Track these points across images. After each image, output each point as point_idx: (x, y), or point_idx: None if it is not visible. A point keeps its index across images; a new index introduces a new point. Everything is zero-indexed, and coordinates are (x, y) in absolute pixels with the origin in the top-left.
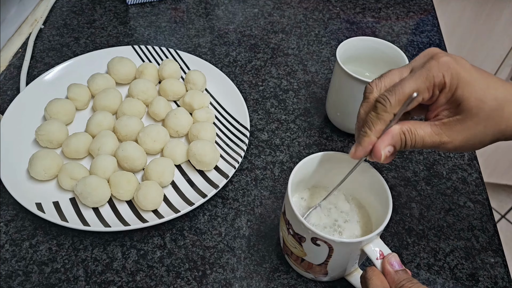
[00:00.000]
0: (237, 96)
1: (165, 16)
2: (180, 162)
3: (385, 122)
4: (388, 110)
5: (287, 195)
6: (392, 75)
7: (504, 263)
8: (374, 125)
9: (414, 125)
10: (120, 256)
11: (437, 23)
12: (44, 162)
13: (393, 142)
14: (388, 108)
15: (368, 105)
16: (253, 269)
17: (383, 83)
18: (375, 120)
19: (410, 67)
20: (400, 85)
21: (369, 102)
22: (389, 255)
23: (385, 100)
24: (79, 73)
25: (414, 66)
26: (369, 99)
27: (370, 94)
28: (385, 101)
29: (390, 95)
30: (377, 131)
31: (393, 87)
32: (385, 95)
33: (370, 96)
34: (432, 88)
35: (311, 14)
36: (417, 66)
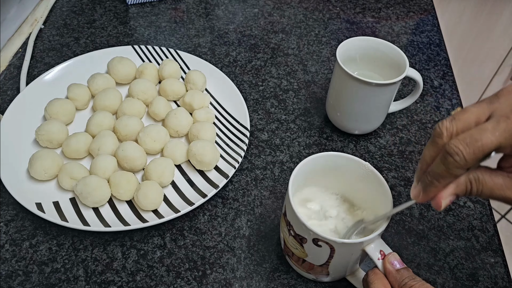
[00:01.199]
0: (237, 96)
1: (165, 16)
2: (180, 162)
3: (455, 177)
4: (460, 167)
5: (287, 196)
6: (467, 118)
7: (504, 263)
8: (442, 178)
9: (483, 173)
10: (120, 256)
11: (437, 23)
12: (44, 162)
13: (458, 190)
14: (461, 164)
15: (436, 150)
16: (253, 269)
17: (455, 127)
18: (445, 175)
19: (489, 107)
20: (479, 137)
21: (437, 147)
22: (389, 254)
23: (458, 155)
24: (79, 73)
25: (497, 109)
26: (438, 144)
27: (439, 139)
28: (458, 156)
29: (465, 148)
30: (444, 185)
31: (470, 138)
32: (459, 148)
33: (439, 142)
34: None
35: (311, 14)
36: (500, 111)
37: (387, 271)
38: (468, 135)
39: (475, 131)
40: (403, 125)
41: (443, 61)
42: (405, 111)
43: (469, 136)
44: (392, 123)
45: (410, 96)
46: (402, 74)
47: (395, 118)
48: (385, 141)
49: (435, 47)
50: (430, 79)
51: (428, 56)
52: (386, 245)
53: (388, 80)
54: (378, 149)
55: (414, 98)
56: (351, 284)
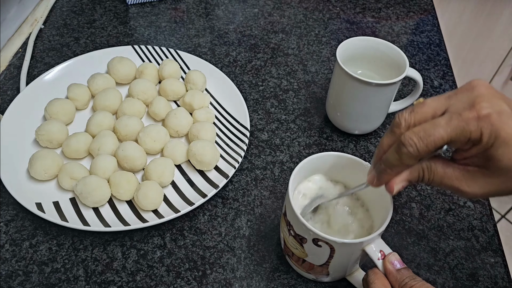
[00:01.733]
0: (237, 96)
1: (165, 16)
2: (180, 162)
3: (407, 167)
4: (413, 157)
5: (287, 196)
6: (425, 111)
7: (504, 263)
8: (395, 166)
9: (436, 163)
10: (120, 256)
11: (437, 23)
12: (44, 162)
13: (410, 177)
14: (413, 155)
15: (393, 138)
16: (253, 269)
17: (413, 119)
18: (397, 163)
19: (446, 102)
20: (432, 131)
21: (394, 136)
22: (389, 254)
23: (412, 146)
24: (79, 73)
25: (452, 104)
26: (395, 133)
27: (397, 129)
28: (412, 148)
29: (418, 141)
30: (397, 172)
31: (423, 131)
32: (413, 140)
33: (397, 131)
34: (465, 142)
35: (311, 14)
36: (455, 107)
37: (387, 271)
38: (422, 128)
39: (429, 125)
40: None
41: (443, 61)
42: None
43: (423, 129)
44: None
45: (410, 96)
46: (402, 74)
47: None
48: None
49: (435, 47)
50: (430, 79)
51: (428, 56)
52: (386, 245)
53: (388, 80)
54: None
55: (414, 98)
56: (351, 284)
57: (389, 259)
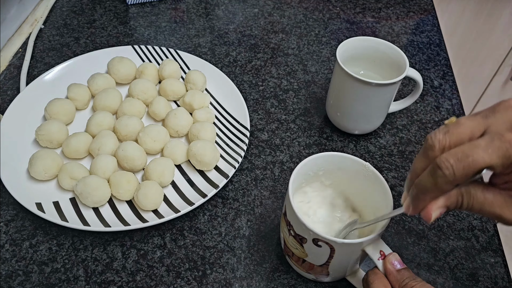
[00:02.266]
0: (237, 96)
1: (165, 16)
2: (180, 162)
3: (442, 192)
4: (449, 182)
5: (287, 196)
6: (460, 132)
7: (504, 263)
8: (430, 192)
9: (475, 187)
10: (120, 256)
11: (437, 23)
12: (44, 162)
13: (448, 203)
14: (450, 180)
15: (426, 162)
16: (253, 269)
17: (448, 141)
18: (432, 188)
19: (484, 122)
20: (471, 153)
21: (428, 159)
22: (389, 254)
23: (448, 169)
24: (79, 73)
25: (491, 124)
26: (429, 156)
27: (431, 152)
28: (448, 171)
29: (456, 163)
30: (432, 198)
31: (461, 153)
32: (450, 162)
33: (430, 154)
34: (509, 165)
35: (311, 14)
36: (495, 127)
37: (387, 271)
38: (460, 150)
39: (467, 146)
40: (403, 125)
41: (443, 61)
42: (405, 111)
43: (461, 151)
44: (392, 123)
45: (410, 96)
46: (402, 74)
47: (395, 118)
48: (385, 141)
49: (435, 47)
50: (430, 79)
51: (428, 56)
52: (386, 245)
53: (388, 80)
54: (378, 149)
55: (414, 98)
56: (351, 284)
57: (389, 259)
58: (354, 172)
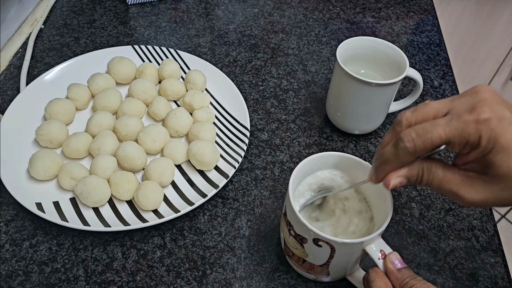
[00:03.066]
0: (237, 96)
1: (165, 16)
2: (180, 162)
3: (403, 163)
4: (410, 154)
5: (287, 196)
6: (427, 111)
7: (504, 263)
8: (391, 161)
9: (437, 165)
10: (120, 256)
11: (437, 23)
12: (44, 162)
13: (408, 174)
14: (410, 151)
15: (393, 136)
16: (253, 269)
17: (415, 118)
18: (393, 159)
19: (449, 105)
20: (431, 129)
21: (395, 134)
22: (390, 254)
23: (409, 142)
24: (79, 73)
25: (454, 107)
26: (396, 131)
27: (398, 127)
28: (409, 143)
29: (417, 137)
30: (394, 168)
31: (423, 129)
32: (411, 136)
33: (398, 129)
34: (464, 144)
35: (311, 14)
36: (456, 109)
37: (388, 270)
38: (422, 126)
39: (428, 123)
40: None
41: (443, 61)
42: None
43: (422, 127)
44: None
45: (410, 96)
46: (402, 74)
47: (395, 118)
48: None
49: (435, 47)
50: (430, 79)
51: (428, 56)
52: (387, 245)
53: (388, 80)
54: None
55: (414, 98)
56: (351, 284)
57: (390, 258)
58: (354, 172)
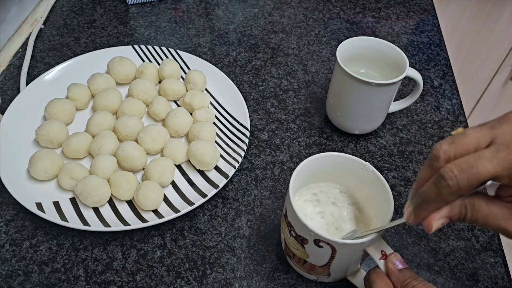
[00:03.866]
0: (237, 96)
1: (165, 16)
2: (180, 162)
3: (446, 203)
4: (453, 192)
5: (288, 197)
6: (466, 142)
7: (504, 263)
8: (433, 202)
9: (480, 200)
10: (120, 256)
11: (437, 23)
12: (44, 162)
13: (451, 214)
14: (453, 190)
15: (431, 172)
16: (253, 269)
17: (453, 152)
18: (435, 198)
19: (491, 133)
20: (475, 164)
21: (433, 169)
22: (391, 254)
23: (452, 179)
24: (79, 73)
25: (498, 135)
26: (434, 166)
27: (436, 162)
28: (452, 181)
29: (460, 174)
30: (435, 208)
31: (466, 164)
32: (454, 172)
33: (435, 165)
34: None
35: (311, 14)
36: (501, 138)
37: (389, 271)
38: (465, 160)
39: (472, 157)
40: (403, 125)
41: (443, 61)
42: (405, 111)
43: (465, 162)
44: (392, 123)
45: (410, 96)
46: (402, 74)
47: (395, 118)
48: (385, 141)
49: (435, 47)
50: (430, 79)
51: (428, 56)
52: (387, 245)
53: (388, 80)
54: (378, 149)
55: (414, 98)
56: (352, 284)
57: (391, 259)
58: (354, 172)
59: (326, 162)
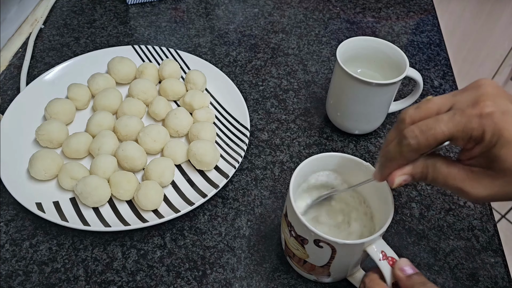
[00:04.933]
0: (237, 96)
1: (165, 16)
2: (180, 162)
3: (408, 160)
4: (414, 150)
5: (288, 197)
6: (429, 107)
7: (504, 263)
8: (395, 159)
9: (441, 161)
10: (120, 256)
11: (437, 23)
12: (44, 162)
13: (413, 172)
14: (414, 148)
15: (397, 134)
16: (253, 269)
17: (418, 115)
18: (397, 156)
19: (452, 100)
20: (434, 125)
21: (398, 131)
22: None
23: (413, 138)
24: (79, 73)
25: (457, 101)
26: (399, 128)
27: (401, 125)
28: (412, 140)
29: (420, 134)
30: (398, 165)
31: (426, 126)
32: (414, 132)
33: (401, 126)
34: (468, 139)
35: (311, 14)
36: (459, 104)
37: (397, 277)
38: (425, 123)
39: (431, 120)
40: None
41: (443, 61)
42: None
43: (425, 124)
44: (392, 123)
45: (410, 96)
46: (402, 74)
47: (395, 118)
48: None
49: (435, 47)
50: (430, 79)
51: (428, 56)
52: (388, 246)
53: (388, 80)
54: (378, 149)
55: (414, 98)
56: (352, 284)
57: (399, 265)
58: (355, 173)
59: (327, 162)
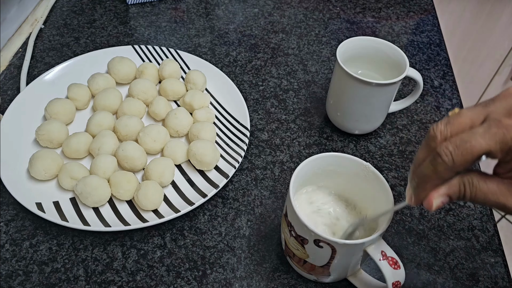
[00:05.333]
0: (237, 96)
1: (165, 16)
2: (180, 162)
3: (443, 180)
4: (450, 169)
5: (288, 197)
6: (461, 121)
7: (504, 263)
8: (430, 180)
9: (478, 177)
10: (120, 256)
11: (437, 23)
12: (44, 162)
13: (450, 192)
14: (449, 166)
15: (428, 152)
16: (253, 269)
17: (449, 131)
18: (432, 176)
19: (484, 111)
20: (468, 139)
21: (430, 149)
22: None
23: (447, 156)
24: (79, 73)
25: (490, 112)
26: (430, 146)
27: (432, 142)
28: (447, 157)
29: (454, 150)
30: (433, 186)
31: (460, 141)
32: (449, 149)
33: (432, 144)
34: (507, 151)
35: (311, 14)
36: (493, 115)
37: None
38: (459, 138)
39: (465, 134)
40: (403, 125)
41: (443, 61)
42: (405, 111)
43: (460, 139)
44: (392, 123)
45: (410, 96)
46: (402, 74)
47: (395, 118)
48: (385, 141)
49: (435, 47)
50: (430, 79)
51: (428, 56)
52: (388, 246)
53: (388, 80)
54: (378, 149)
55: (414, 98)
56: (352, 284)
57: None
58: (355, 173)
59: (327, 162)
